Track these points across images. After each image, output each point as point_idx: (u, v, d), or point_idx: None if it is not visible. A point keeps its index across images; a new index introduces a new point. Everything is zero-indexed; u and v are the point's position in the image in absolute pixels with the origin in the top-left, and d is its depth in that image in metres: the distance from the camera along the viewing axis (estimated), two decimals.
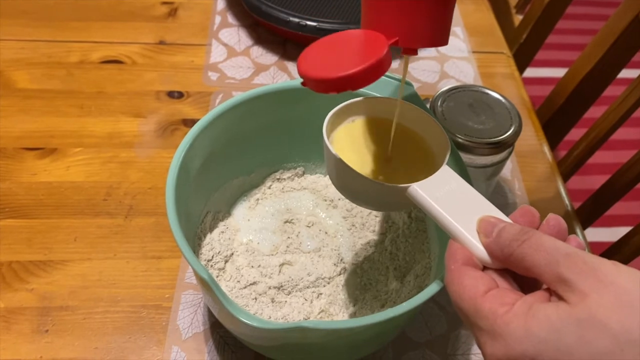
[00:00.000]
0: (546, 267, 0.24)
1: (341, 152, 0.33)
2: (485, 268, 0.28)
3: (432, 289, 0.33)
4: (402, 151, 0.36)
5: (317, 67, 0.30)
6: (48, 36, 0.66)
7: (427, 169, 0.33)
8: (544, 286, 0.26)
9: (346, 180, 0.34)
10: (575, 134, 0.74)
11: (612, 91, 0.68)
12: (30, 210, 0.50)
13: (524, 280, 0.27)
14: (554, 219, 0.28)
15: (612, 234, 1.19)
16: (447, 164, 0.33)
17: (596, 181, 0.87)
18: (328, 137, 0.34)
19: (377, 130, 0.37)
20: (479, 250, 0.28)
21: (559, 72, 1.50)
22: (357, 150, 0.36)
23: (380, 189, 0.32)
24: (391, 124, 0.36)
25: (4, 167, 0.53)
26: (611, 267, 0.23)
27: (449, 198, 0.30)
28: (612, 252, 0.64)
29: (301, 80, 0.30)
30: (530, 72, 1.12)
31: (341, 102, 0.36)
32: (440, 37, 0.32)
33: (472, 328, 0.26)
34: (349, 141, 0.36)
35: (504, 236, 0.27)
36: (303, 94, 0.44)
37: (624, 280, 0.22)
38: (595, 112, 0.70)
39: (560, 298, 0.23)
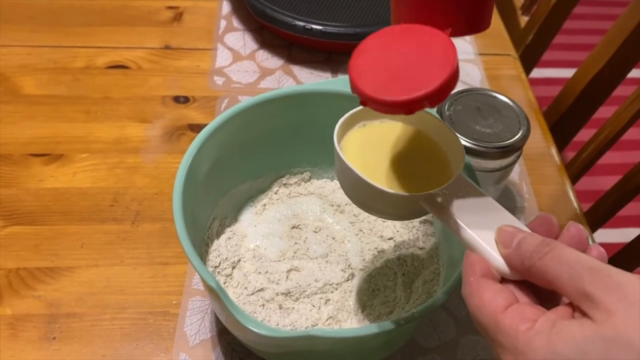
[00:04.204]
0: (569, 281, 0.23)
1: (352, 158, 0.32)
2: (503, 279, 0.27)
3: (441, 297, 0.33)
4: (415, 157, 0.34)
5: (381, 85, 0.26)
6: (54, 42, 0.66)
7: (441, 177, 0.32)
8: (564, 299, 0.26)
9: (357, 188, 0.32)
10: (584, 134, 0.73)
11: (622, 91, 0.67)
12: (37, 216, 0.50)
13: (542, 292, 0.27)
14: (575, 228, 0.27)
15: (623, 235, 1.18)
16: None
17: (606, 182, 0.86)
18: (339, 143, 0.33)
19: (388, 135, 0.35)
20: (498, 261, 0.27)
21: (566, 73, 1.49)
22: (368, 157, 0.34)
23: (393, 198, 0.30)
24: (402, 128, 0.35)
25: (10, 174, 0.53)
26: (637, 283, 0.22)
27: (465, 207, 0.30)
28: (623, 254, 0.63)
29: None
30: (537, 72, 1.11)
31: (347, 106, 0.35)
32: (489, 20, 0.29)
33: (492, 343, 0.25)
34: (360, 147, 0.34)
35: (524, 247, 0.26)
36: (309, 98, 0.44)
37: None
38: (604, 112, 0.69)
39: (584, 314, 0.23)
